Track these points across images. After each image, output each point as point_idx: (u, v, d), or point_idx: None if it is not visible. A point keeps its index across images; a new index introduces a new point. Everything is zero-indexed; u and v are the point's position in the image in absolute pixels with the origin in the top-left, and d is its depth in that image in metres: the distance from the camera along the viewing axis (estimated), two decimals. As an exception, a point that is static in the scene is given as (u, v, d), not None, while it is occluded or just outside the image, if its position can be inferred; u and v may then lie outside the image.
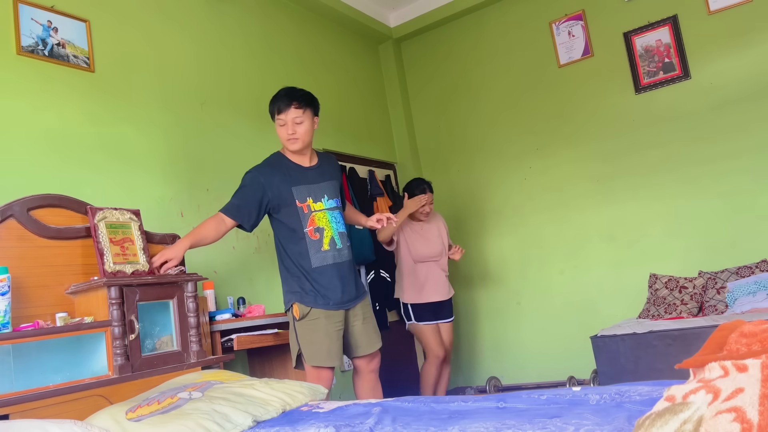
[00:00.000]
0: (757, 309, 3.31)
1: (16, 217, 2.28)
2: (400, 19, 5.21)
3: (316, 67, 4.49)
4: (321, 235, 2.66)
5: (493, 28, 4.91)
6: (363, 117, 4.86)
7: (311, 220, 2.66)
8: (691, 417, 0.97)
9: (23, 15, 2.71)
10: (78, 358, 2.23)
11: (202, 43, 3.60)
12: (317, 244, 2.65)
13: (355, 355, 2.80)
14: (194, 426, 1.75)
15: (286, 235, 2.69)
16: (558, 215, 4.57)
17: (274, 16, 4.23)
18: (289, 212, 2.65)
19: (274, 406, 2.00)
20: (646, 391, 1.60)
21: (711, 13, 4.05)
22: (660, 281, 3.98)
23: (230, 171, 3.56)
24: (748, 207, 3.90)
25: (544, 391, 1.81)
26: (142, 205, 2.87)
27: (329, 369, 2.64)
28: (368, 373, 2.83)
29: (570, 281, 4.46)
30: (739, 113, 3.95)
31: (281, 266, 2.76)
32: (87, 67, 2.94)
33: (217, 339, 2.79)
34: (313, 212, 2.67)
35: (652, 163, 4.21)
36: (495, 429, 1.46)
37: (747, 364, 0.98)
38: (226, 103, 3.66)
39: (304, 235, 2.64)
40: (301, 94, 2.69)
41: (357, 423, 1.73)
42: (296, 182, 2.68)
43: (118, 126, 3.02)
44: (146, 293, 2.41)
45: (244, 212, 2.65)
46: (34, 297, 2.28)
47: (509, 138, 4.79)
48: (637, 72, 4.27)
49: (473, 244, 4.90)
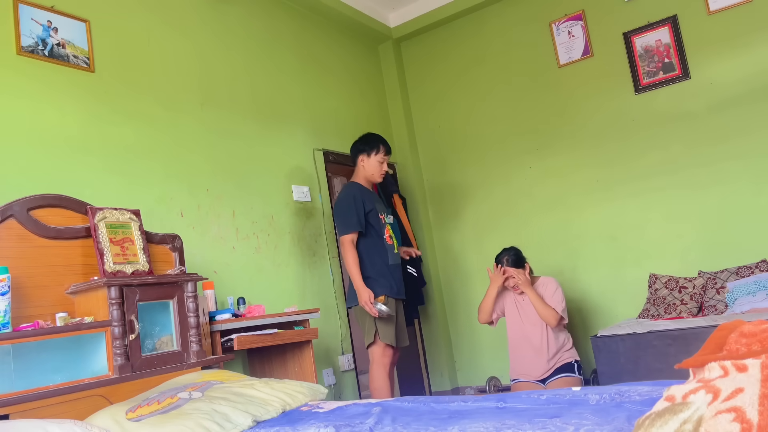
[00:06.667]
0: (757, 309, 3.31)
1: (16, 217, 2.28)
2: (400, 19, 5.21)
3: (316, 67, 4.49)
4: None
5: (493, 29, 4.91)
6: (363, 117, 4.86)
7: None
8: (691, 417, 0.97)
9: (23, 15, 2.71)
10: (78, 358, 2.23)
11: (202, 43, 3.60)
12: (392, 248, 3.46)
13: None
14: (194, 426, 1.75)
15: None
16: (558, 215, 4.57)
17: (274, 16, 4.23)
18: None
19: (274, 406, 2.00)
20: (646, 391, 1.60)
21: (711, 13, 4.05)
22: (660, 281, 3.98)
23: (230, 171, 3.57)
24: (748, 207, 3.90)
25: (544, 391, 1.81)
26: (142, 205, 2.87)
27: (394, 347, 3.31)
28: (392, 365, 3.32)
29: (570, 281, 4.46)
30: (739, 113, 3.95)
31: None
32: (87, 67, 2.94)
33: (217, 339, 2.79)
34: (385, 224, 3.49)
35: (652, 163, 4.21)
36: (495, 429, 1.46)
37: (747, 364, 0.98)
38: (226, 103, 3.66)
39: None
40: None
41: (357, 423, 1.73)
42: (377, 201, 3.51)
43: (118, 126, 3.02)
44: (146, 293, 2.41)
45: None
46: (34, 297, 2.28)
47: (509, 138, 4.79)
48: (636, 72, 4.27)
49: (473, 244, 4.90)
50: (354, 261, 3.28)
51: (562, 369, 3.50)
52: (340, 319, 4.06)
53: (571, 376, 3.47)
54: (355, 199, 3.35)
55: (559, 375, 3.49)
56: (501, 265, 3.61)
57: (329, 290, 4.05)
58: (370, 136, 3.59)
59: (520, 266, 3.60)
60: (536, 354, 3.52)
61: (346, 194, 3.40)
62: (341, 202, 3.39)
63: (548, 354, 3.49)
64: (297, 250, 3.87)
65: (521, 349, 3.59)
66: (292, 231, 3.87)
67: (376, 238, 3.40)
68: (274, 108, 4.02)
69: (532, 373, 3.53)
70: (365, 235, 3.37)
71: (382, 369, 3.26)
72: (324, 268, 4.05)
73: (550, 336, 3.51)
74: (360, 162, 3.52)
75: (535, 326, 3.54)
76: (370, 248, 3.37)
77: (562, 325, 3.62)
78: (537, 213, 4.65)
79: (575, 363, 3.53)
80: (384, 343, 3.28)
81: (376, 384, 3.25)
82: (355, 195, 3.37)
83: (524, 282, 3.54)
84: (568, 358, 3.53)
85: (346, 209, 3.34)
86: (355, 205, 3.33)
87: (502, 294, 3.71)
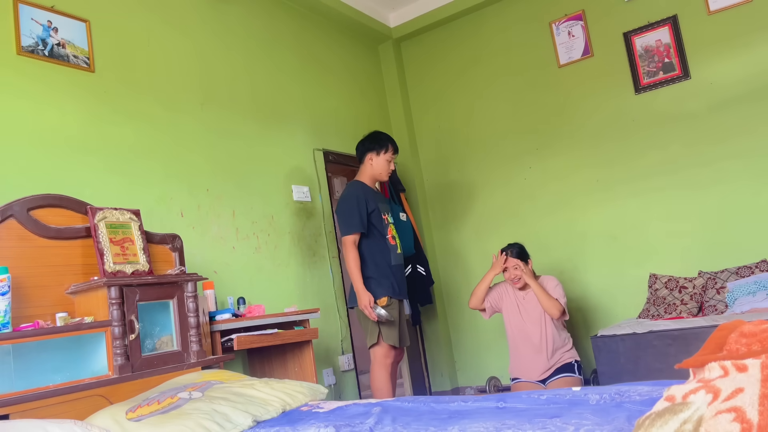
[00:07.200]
0: (757, 309, 3.31)
1: (16, 217, 2.28)
2: (400, 19, 5.21)
3: (316, 67, 4.49)
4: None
5: (493, 28, 4.90)
6: (363, 117, 4.86)
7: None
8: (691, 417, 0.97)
9: (23, 15, 2.71)
10: (78, 358, 2.23)
11: (202, 43, 3.60)
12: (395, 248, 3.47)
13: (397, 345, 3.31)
14: (194, 426, 1.75)
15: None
16: (558, 215, 4.57)
17: (274, 16, 4.23)
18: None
19: (274, 406, 2.00)
20: (646, 391, 1.60)
21: (711, 13, 4.05)
22: (660, 281, 3.98)
23: (230, 171, 3.57)
24: (748, 207, 3.90)
25: (544, 391, 1.81)
26: (142, 205, 2.87)
27: (396, 348, 3.32)
28: (394, 365, 3.32)
29: (570, 281, 4.46)
30: (739, 113, 3.95)
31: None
32: (87, 67, 2.94)
33: (217, 339, 2.79)
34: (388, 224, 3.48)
35: (652, 163, 4.21)
36: (495, 429, 1.46)
37: (747, 364, 0.98)
38: (226, 103, 3.66)
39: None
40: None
41: (357, 423, 1.73)
42: (381, 201, 3.51)
43: (118, 126, 3.02)
44: (146, 293, 2.41)
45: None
46: (34, 297, 2.28)
47: (509, 138, 4.79)
48: (636, 72, 4.27)
49: (473, 244, 4.90)
50: (355, 263, 3.25)
51: (562, 369, 3.50)
52: (340, 319, 4.06)
53: (571, 376, 3.48)
54: (358, 199, 3.32)
55: (559, 375, 3.49)
56: (506, 254, 3.65)
57: (329, 290, 4.05)
58: (379, 134, 3.55)
59: (523, 260, 3.64)
60: (536, 352, 3.52)
61: (349, 193, 3.37)
62: (344, 202, 3.36)
63: (548, 352, 3.50)
64: (297, 250, 3.87)
65: (521, 347, 3.59)
66: (292, 231, 3.87)
67: (379, 238, 3.39)
68: (274, 108, 4.02)
69: (532, 371, 3.54)
70: (368, 236, 3.36)
71: (383, 370, 3.26)
72: (324, 268, 4.05)
73: (550, 334, 3.51)
74: (368, 160, 3.49)
75: (536, 324, 3.54)
76: (372, 248, 3.36)
77: (563, 322, 3.62)
78: (537, 213, 4.65)
79: (575, 363, 3.53)
80: (387, 344, 3.27)
81: (377, 385, 3.25)
82: (358, 195, 3.34)
83: (527, 273, 3.56)
84: (568, 358, 3.53)
85: (349, 209, 3.31)
86: (358, 205, 3.30)
87: (502, 291, 3.71)
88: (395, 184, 4.62)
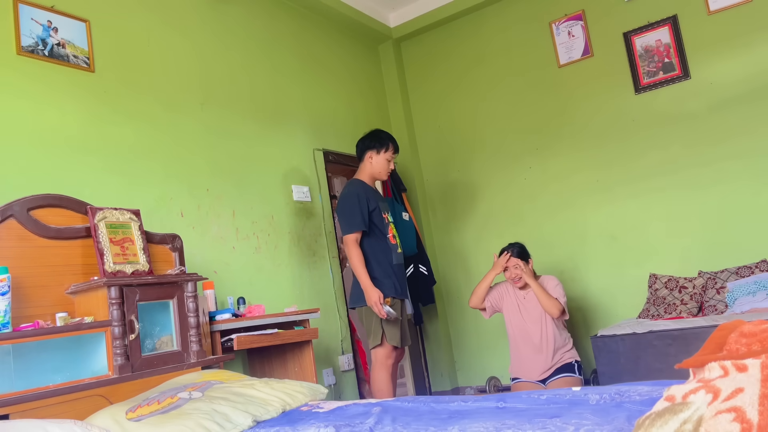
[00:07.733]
0: (757, 309, 3.31)
1: (16, 217, 2.28)
2: (400, 19, 5.21)
3: (316, 67, 4.49)
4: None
5: (493, 28, 4.90)
6: (363, 117, 4.86)
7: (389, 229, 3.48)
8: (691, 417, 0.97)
9: (23, 15, 2.71)
10: (78, 358, 2.23)
11: (202, 43, 3.60)
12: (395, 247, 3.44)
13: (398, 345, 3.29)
14: (194, 426, 1.75)
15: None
16: (558, 215, 4.57)
17: (274, 16, 4.23)
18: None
19: (274, 406, 2.00)
20: (646, 391, 1.60)
21: (711, 13, 4.05)
22: (660, 281, 3.98)
23: (230, 171, 3.57)
24: (748, 207, 3.90)
25: (544, 391, 1.81)
26: (142, 205, 2.87)
27: (397, 348, 3.30)
28: (395, 365, 3.30)
29: (570, 281, 4.46)
30: (739, 113, 3.95)
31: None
32: (87, 67, 2.94)
33: (217, 339, 2.79)
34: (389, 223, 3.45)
35: (652, 163, 4.21)
36: (495, 429, 1.46)
37: (747, 364, 0.98)
38: (226, 103, 3.66)
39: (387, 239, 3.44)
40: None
41: (357, 423, 1.73)
42: (380, 200, 3.47)
43: (118, 126, 3.02)
44: (146, 293, 2.41)
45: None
46: (34, 297, 2.28)
47: (509, 138, 4.79)
48: (636, 72, 4.27)
49: (473, 244, 4.90)
50: (360, 260, 3.21)
51: (562, 369, 3.50)
52: (340, 319, 4.06)
53: (571, 376, 3.48)
54: (359, 197, 3.29)
55: (560, 375, 3.49)
56: (507, 252, 3.65)
57: (329, 290, 4.05)
58: (379, 132, 3.50)
59: (524, 260, 3.64)
60: (537, 352, 3.52)
61: (349, 192, 3.34)
62: (345, 200, 3.32)
63: (549, 352, 3.50)
64: (297, 250, 3.87)
65: (522, 346, 3.59)
66: (292, 231, 3.87)
67: (380, 237, 3.36)
68: (274, 108, 4.02)
69: (532, 371, 3.54)
70: (369, 235, 3.32)
71: (384, 370, 3.25)
72: (324, 268, 4.05)
73: (551, 334, 3.51)
74: (368, 159, 3.43)
75: (536, 324, 3.55)
76: (374, 247, 3.32)
77: (564, 321, 3.62)
78: (537, 213, 4.65)
79: (575, 363, 3.53)
80: (390, 345, 3.25)
81: (378, 385, 3.23)
82: (359, 193, 3.31)
83: (527, 272, 3.57)
84: (568, 359, 3.53)
85: (350, 207, 3.27)
86: (359, 203, 3.27)
87: (502, 291, 3.71)
88: (397, 183, 4.62)
